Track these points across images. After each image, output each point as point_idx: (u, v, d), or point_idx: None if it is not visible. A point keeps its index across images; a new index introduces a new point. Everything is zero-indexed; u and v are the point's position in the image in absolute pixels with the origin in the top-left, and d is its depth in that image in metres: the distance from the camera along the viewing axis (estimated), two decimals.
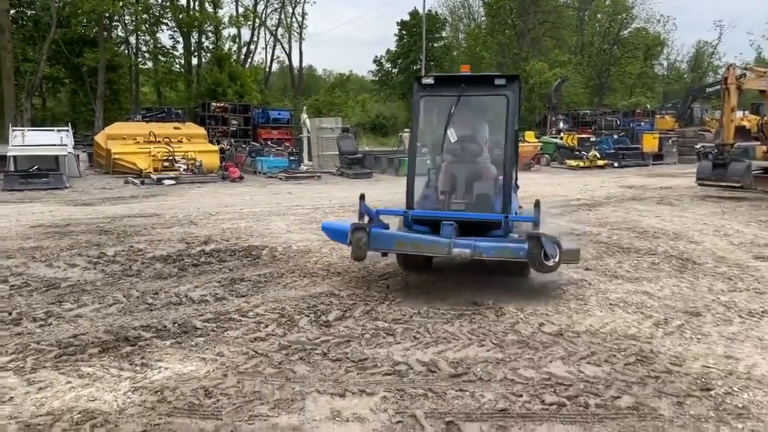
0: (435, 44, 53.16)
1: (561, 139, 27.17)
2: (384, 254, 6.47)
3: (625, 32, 56.29)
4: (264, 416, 3.50)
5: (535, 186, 16.36)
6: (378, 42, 59.42)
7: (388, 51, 55.75)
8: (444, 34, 56.49)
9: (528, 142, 24.64)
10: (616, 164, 24.42)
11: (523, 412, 3.59)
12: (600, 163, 24.03)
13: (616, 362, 4.33)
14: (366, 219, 6.03)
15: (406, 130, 28.13)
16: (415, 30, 49.16)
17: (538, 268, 5.51)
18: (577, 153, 25.14)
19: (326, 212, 11.57)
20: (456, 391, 3.86)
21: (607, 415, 3.56)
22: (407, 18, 52.81)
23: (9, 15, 33.52)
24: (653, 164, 25.57)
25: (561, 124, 32.29)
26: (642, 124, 34.67)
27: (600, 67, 54.76)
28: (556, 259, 5.40)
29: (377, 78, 57.69)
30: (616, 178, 19.90)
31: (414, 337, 4.76)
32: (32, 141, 17.65)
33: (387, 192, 15.03)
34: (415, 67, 50.26)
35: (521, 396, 3.79)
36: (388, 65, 56.70)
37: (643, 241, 8.75)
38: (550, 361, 4.34)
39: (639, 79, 56.88)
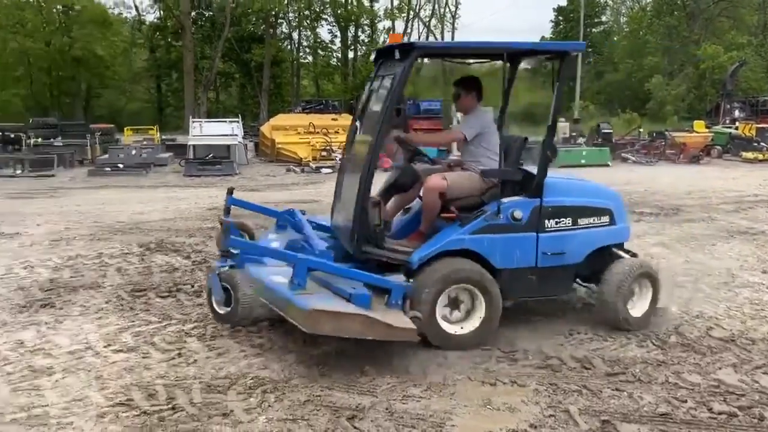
0: (594, 30, 50.60)
1: (736, 129, 24.70)
2: None
3: None
4: (417, 397, 3.63)
5: (704, 180, 15.10)
6: (532, 29, 57.80)
7: (543, 38, 54.06)
8: (604, 18, 53.63)
9: (697, 132, 22.75)
10: None
11: (687, 419, 3.39)
12: None
13: None
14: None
15: (561, 119, 27.14)
16: (573, 15, 47.11)
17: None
18: (756, 144, 22.71)
19: None
20: (612, 390, 3.73)
21: None
22: (564, 3, 50.81)
23: (190, 17, 37.04)
24: None
25: (736, 113, 29.28)
26: None
27: None
28: (228, 309, 4.12)
29: (529, 66, 56.18)
30: None
31: (568, 333, 4.65)
32: (208, 131, 19.42)
33: None
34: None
35: (685, 402, 3.58)
36: None
37: None
38: (720, 368, 4.04)
39: None
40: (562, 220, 4.59)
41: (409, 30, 49.73)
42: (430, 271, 4.27)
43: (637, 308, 4.73)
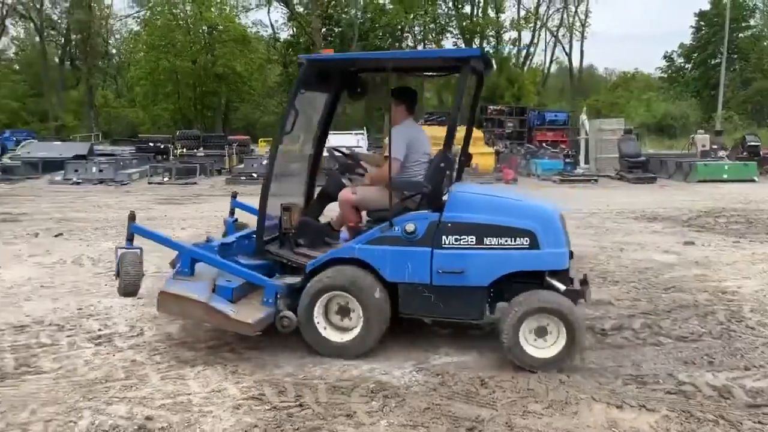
0: (740, 35, 46.95)
1: None
2: None
3: None
4: (538, 414, 3.57)
5: None
6: (669, 36, 54.54)
7: (681, 45, 50.96)
8: (752, 22, 49.56)
9: None
10: None
11: None
12: None
13: None
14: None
15: (700, 131, 25.45)
16: (716, 20, 44.01)
17: None
18: None
19: (603, 218, 11.11)
20: (754, 422, 3.47)
21: None
22: (706, 7, 47.61)
23: (321, 33, 38.78)
24: None
25: None
26: None
27: None
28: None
29: (666, 75, 53.11)
30: None
31: (704, 358, 4.38)
32: (335, 143, 20.19)
33: (671, 199, 13.89)
34: (713, 61, 45.09)
35: None
36: (680, 61, 51.81)
37: None
38: None
39: None
40: (463, 237, 4.24)
41: (535, 40, 48.96)
42: (317, 276, 4.41)
43: (548, 349, 4.16)
